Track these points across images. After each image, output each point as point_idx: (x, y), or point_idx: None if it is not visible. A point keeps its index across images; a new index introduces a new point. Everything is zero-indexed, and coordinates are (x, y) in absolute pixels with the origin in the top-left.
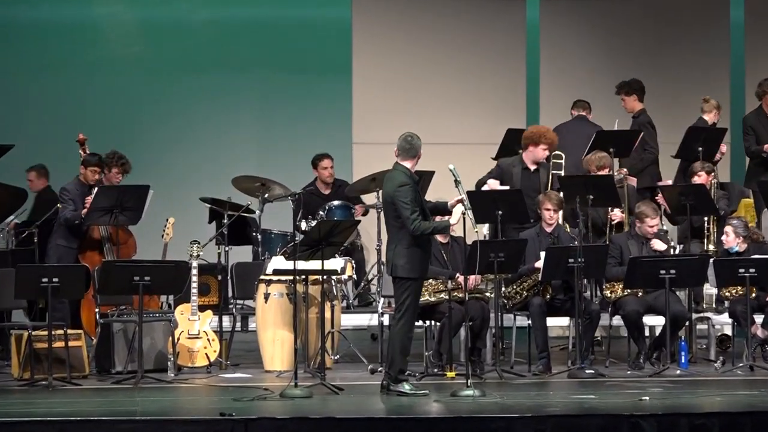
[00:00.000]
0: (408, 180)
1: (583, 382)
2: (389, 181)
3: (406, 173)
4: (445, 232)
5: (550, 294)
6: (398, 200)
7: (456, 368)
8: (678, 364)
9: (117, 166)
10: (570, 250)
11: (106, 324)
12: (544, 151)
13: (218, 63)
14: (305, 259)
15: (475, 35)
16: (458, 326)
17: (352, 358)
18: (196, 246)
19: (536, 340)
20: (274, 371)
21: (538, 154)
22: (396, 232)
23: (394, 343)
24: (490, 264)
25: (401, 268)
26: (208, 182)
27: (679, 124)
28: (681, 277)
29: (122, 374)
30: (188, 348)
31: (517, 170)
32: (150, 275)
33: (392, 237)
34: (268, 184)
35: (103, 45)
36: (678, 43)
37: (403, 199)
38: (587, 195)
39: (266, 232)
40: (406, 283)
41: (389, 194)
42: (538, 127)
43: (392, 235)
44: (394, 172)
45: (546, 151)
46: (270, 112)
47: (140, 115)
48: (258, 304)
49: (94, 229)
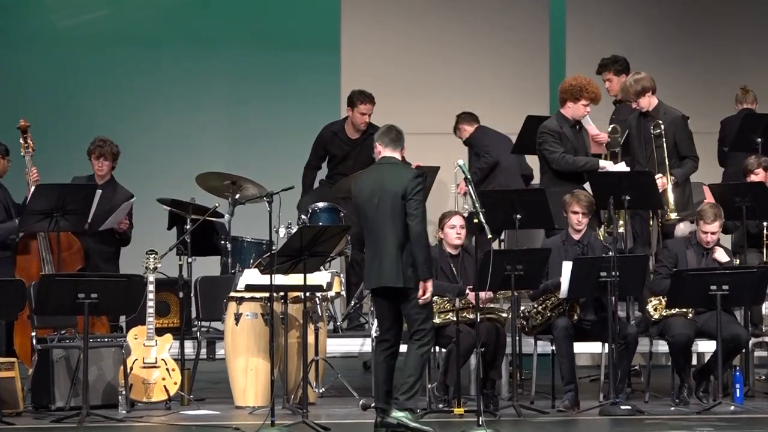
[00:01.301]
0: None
1: (618, 421)
2: (397, 174)
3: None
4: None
5: (577, 314)
6: (415, 195)
7: (465, 403)
8: (732, 399)
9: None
10: (602, 261)
11: (45, 351)
12: (586, 108)
13: (181, 37)
14: (284, 273)
15: (488, 4)
16: (468, 353)
17: (340, 391)
18: (152, 257)
19: (561, 369)
20: (247, 407)
21: (578, 111)
22: (402, 234)
23: (411, 368)
24: (506, 279)
25: (405, 276)
26: (167, 180)
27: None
28: (735, 294)
29: (64, 411)
30: (143, 379)
31: (567, 130)
32: (97, 292)
33: (396, 241)
34: (240, 182)
35: (42, 15)
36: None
37: (419, 196)
38: (622, 195)
39: (237, 240)
40: (410, 292)
41: (404, 188)
42: (578, 78)
43: (396, 239)
44: (398, 165)
45: (587, 108)
46: (243, 96)
47: (85, 98)
48: (227, 327)
49: (31, 234)
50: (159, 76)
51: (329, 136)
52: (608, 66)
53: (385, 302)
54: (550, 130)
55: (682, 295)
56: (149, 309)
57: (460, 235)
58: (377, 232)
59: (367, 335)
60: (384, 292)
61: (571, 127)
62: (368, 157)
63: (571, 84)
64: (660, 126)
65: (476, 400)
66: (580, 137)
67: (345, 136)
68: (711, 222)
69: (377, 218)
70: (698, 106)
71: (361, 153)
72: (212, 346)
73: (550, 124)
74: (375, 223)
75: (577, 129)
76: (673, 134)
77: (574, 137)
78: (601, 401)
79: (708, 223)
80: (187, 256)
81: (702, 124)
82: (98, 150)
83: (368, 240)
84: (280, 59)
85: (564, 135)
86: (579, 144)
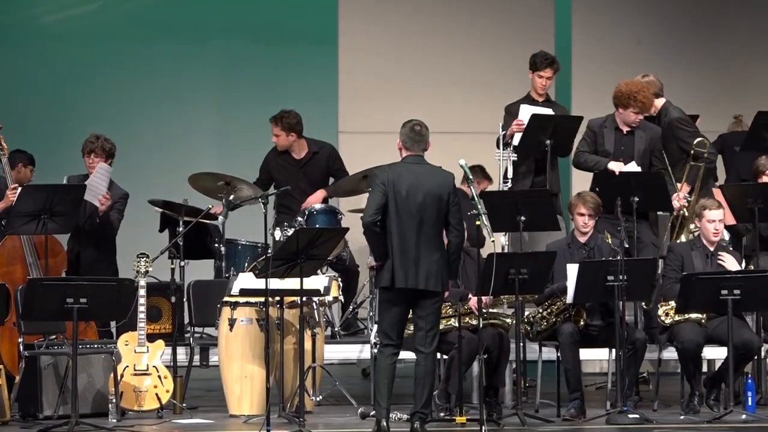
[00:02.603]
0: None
1: (626, 430)
2: (437, 176)
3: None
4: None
5: (584, 320)
6: (458, 201)
7: (468, 412)
8: (743, 407)
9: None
10: (608, 264)
11: (32, 358)
12: (636, 116)
13: (172, 32)
14: (280, 277)
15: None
16: (471, 359)
17: (337, 399)
18: (144, 260)
19: (567, 376)
20: (241, 416)
21: (628, 117)
22: (437, 237)
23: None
24: (509, 283)
25: (443, 280)
26: (159, 181)
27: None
28: (747, 299)
29: (52, 420)
30: (134, 387)
31: (609, 131)
32: (87, 296)
33: (434, 245)
34: (234, 183)
35: (28, 9)
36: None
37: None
38: (631, 197)
39: (231, 243)
40: (441, 296)
41: (447, 192)
42: (629, 84)
43: (437, 242)
44: (432, 166)
45: (638, 116)
46: (236, 93)
47: (74, 96)
48: (221, 333)
49: (15, 236)
50: (149, 73)
51: (271, 160)
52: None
53: (401, 304)
54: (589, 126)
55: (692, 300)
56: (140, 314)
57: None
58: (413, 232)
59: (366, 341)
60: (403, 293)
61: (616, 130)
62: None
63: (621, 91)
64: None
65: (479, 409)
66: (625, 141)
67: (290, 158)
68: (716, 208)
69: (415, 218)
70: (709, 103)
71: (313, 174)
72: (205, 352)
73: (594, 122)
74: (410, 222)
75: (623, 133)
76: (651, 150)
77: (613, 140)
78: (608, 410)
79: (713, 210)
80: (179, 260)
81: (714, 122)
82: (89, 146)
83: (397, 238)
84: (276, 56)
85: (601, 135)
86: (617, 148)
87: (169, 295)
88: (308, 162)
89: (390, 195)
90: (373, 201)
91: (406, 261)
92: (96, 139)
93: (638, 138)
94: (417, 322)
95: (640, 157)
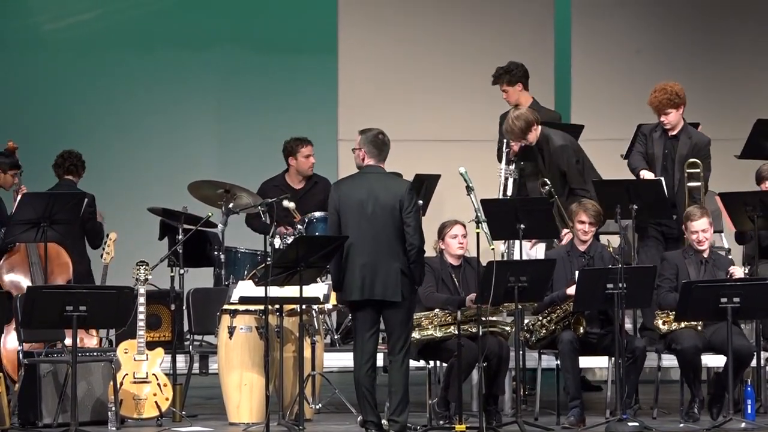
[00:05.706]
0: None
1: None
2: (394, 185)
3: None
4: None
5: (583, 327)
6: (414, 209)
7: (467, 420)
8: (743, 415)
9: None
10: (608, 272)
11: (32, 365)
12: (666, 117)
13: (172, 39)
14: (280, 285)
15: (490, 7)
16: (470, 367)
17: (337, 407)
18: (143, 268)
19: (567, 384)
20: (241, 424)
21: (661, 120)
22: (397, 245)
23: (401, 382)
24: (508, 291)
25: (406, 288)
26: (158, 189)
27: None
28: (747, 307)
29: (51, 428)
30: (134, 395)
31: (656, 135)
32: (86, 304)
33: (391, 253)
34: (234, 190)
35: (26, 17)
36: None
37: (417, 210)
38: (631, 203)
39: (231, 251)
40: (410, 305)
41: (399, 200)
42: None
43: (392, 251)
44: (387, 174)
45: (668, 117)
46: (236, 101)
47: (72, 104)
48: (221, 341)
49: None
50: (148, 81)
51: (270, 190)
52: (501, 77)
53: (370, 315)
54: (641, 130)
55: (691, 308)
56: (140, 322)
57: (462, 245)
58: (368, 243)
59: None
60: (369, 304)
61: (664, 131)
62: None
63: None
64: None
65: (478, 417)
66: (669, 144)
67: (288, 189)
68: (698, 218)
69: (369, 229)
70: (712, 111)
71: (308, 204)
72: (205, 360)
73: (647, 125)
74: (365, 233)
75: (669, 136)
76: (558, 166)
77: (660, 143)
78: (608, 417)
79: (695, 221)
80: (179, 268)
81: (717, 131)
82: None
83: (354, 250)
84: (276, 64)
85: (650, 139)
86: (659, 150)
87: (169, 303)
88: (308, 192)
89: (342, 210)
90: (329, 227)
91: (363, 272)
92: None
93: (682, 143)
94: (387, 331)
95: (681, 162)
